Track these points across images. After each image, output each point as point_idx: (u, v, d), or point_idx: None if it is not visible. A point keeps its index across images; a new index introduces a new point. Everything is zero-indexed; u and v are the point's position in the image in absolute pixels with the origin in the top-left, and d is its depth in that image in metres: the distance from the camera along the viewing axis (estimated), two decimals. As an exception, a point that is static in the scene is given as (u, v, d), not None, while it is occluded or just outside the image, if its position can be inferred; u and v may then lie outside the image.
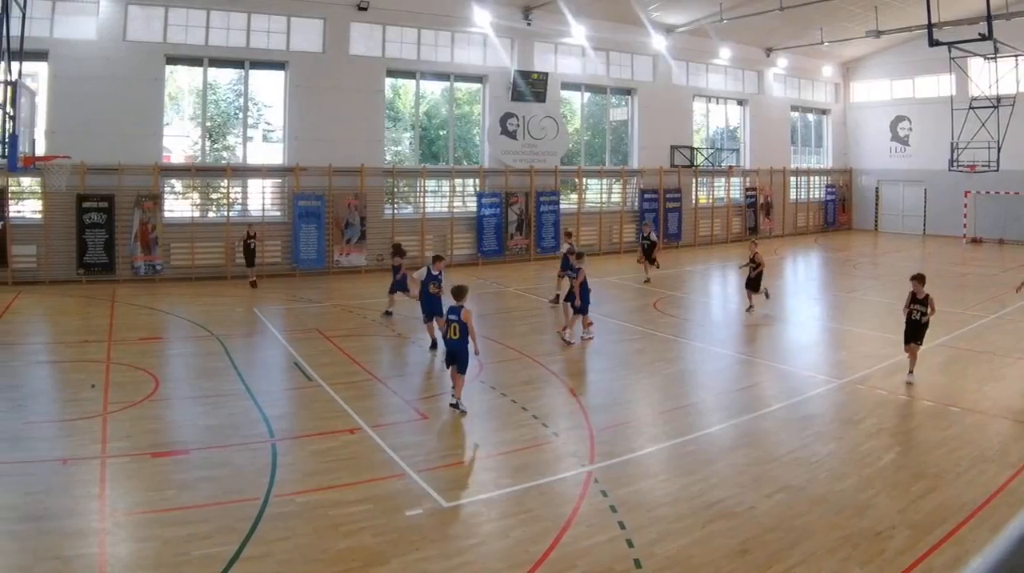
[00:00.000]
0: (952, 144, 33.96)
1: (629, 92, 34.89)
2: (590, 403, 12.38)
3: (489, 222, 29.60)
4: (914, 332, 13.39)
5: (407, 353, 15.29)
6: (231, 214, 25.46)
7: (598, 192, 34.13)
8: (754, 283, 19.85)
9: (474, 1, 28.67)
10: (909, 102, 41.20)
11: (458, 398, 11.70)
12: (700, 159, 36.68)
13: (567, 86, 33.14)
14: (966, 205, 38.31)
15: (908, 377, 13.33)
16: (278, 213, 26.23)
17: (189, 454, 9.87)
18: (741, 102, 39.66)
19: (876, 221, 43.38)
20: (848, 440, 10.75)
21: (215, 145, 27.56)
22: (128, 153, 23.17)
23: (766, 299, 20.28)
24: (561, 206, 31.62)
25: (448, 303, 12.57)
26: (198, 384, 13.31)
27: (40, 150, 20.49)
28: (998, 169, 33.15)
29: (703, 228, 37.15)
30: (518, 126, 30.75)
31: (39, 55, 21.96)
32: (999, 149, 32.75)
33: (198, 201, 25.85)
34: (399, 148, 30.89)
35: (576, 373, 14.59)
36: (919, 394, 12.76)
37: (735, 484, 9.16)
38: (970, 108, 33.25)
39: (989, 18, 23.29)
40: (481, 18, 28.95)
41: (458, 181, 30.19)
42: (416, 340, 16.04)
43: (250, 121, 27.42)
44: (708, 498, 8.74)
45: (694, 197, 36.99)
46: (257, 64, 26.25)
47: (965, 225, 38.44)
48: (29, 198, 23.64)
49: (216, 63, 25.88)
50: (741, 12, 30.63)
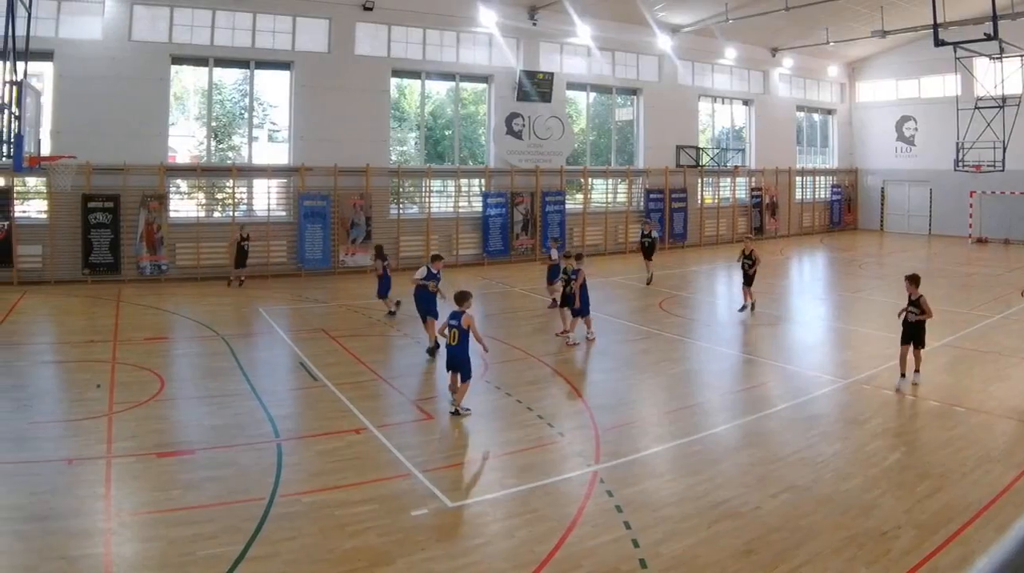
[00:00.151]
0: (958, 144, 33.90)
1: (634, 92, 34.88)
2: (595, 403, 12.36)
3: (494, 222, 29.60)
4: (909, 333, 12.99)
5: (412, 353, 15.27)
6: (236, 214, 25.51)
7: (603, 192, 34.12)
8: (751, 280, 19.64)
9: (479, 1, 28.67)
10: (915, 102, 41.13)
11: (458, 406, 11.51)
12: (706, 159, 36.66)
13: (572, 86, 33.14)
14: (971, 205, 38.25)
15: (899, 382, 12.93)
16: (283, 213, 26.26)
17: (194, 454, 9.88)
18: (747, 102, 39.63)
19: (882, 221, 43.34)
20: (853, 440, 10.73)
21: (220, 145, 27.63)
22: (133, 153, 23.22)
23: (739, 310, 19.86)
24: (567, 206, 31.62)
25: (446, 306, 12.49)
26: (203, 384, 13.32)
27: (45, 150, 20.57)
28: (1003, 169, 33.14)
29: (708, 228, 37.12)
30: (523, 126, 30.76)
31: (44, 55, 21.97)
32: (1004, 149, 32.71)
33: (203, 201, 25.88)
34: (404, 148, 30.94)
35: (581, 373, 14.58)
36: (924, 394, 12.73)
37: (740, 484, 9.15)
38: (976, 108, 33.20)
39: (995, 18, 23.23)
40: (487, 18, 28.96)
41: (463, 181, 30.22)
42: (421, 341, 16.02)
43: (255, 121, 27.45)
44: (713, 498, 8.72)
45: (699, 197, 36.98)
46: (262, 64, 26.28)
47: (970, 225, 38.39)
48: (35, 198, 23.68)
49: (221, 63, 25.91)
50: (746, 12, 30.60)
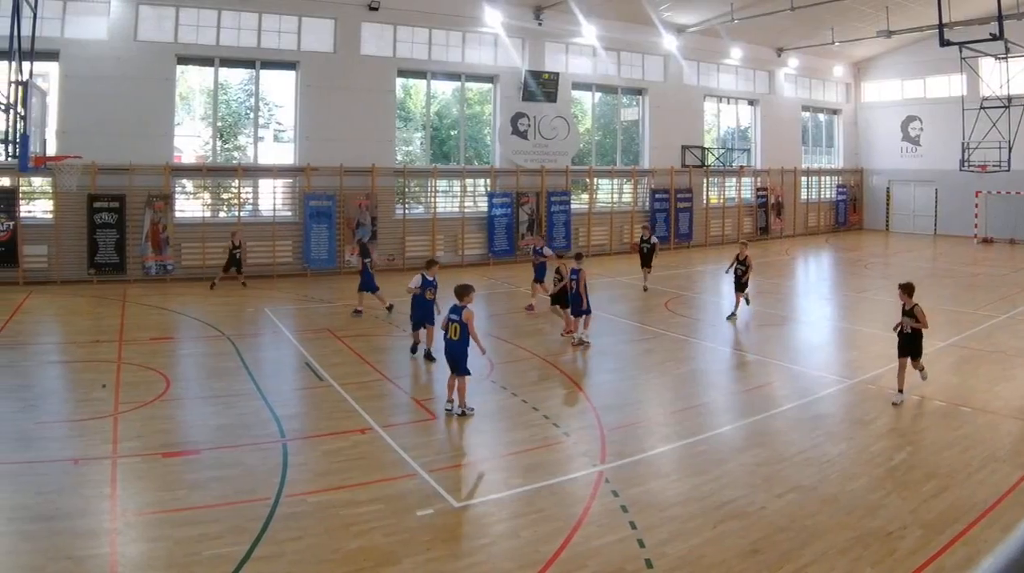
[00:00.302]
0: (963, 144, 33.83)
1: (640, 92, 34.86)
2: (601, 403, 12.35)
3: (500, 222, 29.60)
4: (906, 345, 12.39)
5: (418, 353, 15.26)
6: (242, 214, 25.55)
7: (609, 192, 34.09)
8: (743, 285, 19.06)
9: (485, 1, 28.68)
10: (920, 102, 41.06)
11: (462, 405, 11.40)
12: (711, 159, 36.64)
13: (578, 86, 33.12)
14: (977, 205, 38.18)
15: (896, 397, 12.30)
16: (289, 213, 26.30)
17: (200, 454, 9.89)
18: (752, 102, 39.60)
19: (887, 221, 43.27)
20: (859, 440, 10.72)
21: (226, 145, 27.64)
22: (139, 153, 23.26)
23: (746, 305, 19.38)
24: (572, 206, 31.62)
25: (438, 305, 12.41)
26: (209, 384, 13.34)
27: (51, 150, 20.58)
28: (1009, 169, 33.08)
29: (714, 228, 37.09)
30: (529, 126, 30.76)
31: (50, 55, 22.06)
32: (1010, 149, 32.67)
33: (209, 201, 25.95)
34: (410, 148, 30.93)
35: (587, 373, 14.56)
36: (930, 394, 12.68)
37: (746, 484, 9.14)
38: (981, 108, 33.13)
39: (1000, 18, 23.23)
40: (492, 18, 28.97)
41: (469, 181, 30.22)
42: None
43: (261, 121, 27.48)
44: (719, 498, 8.72)
45: (705, 197, 36.96)
46: (268, 64, 26.32)
47: (976, 225, 38.30)
48: (40, 198, 23.74)
49: (227, 63, 25.96)
50: (752, 12, 30.56)
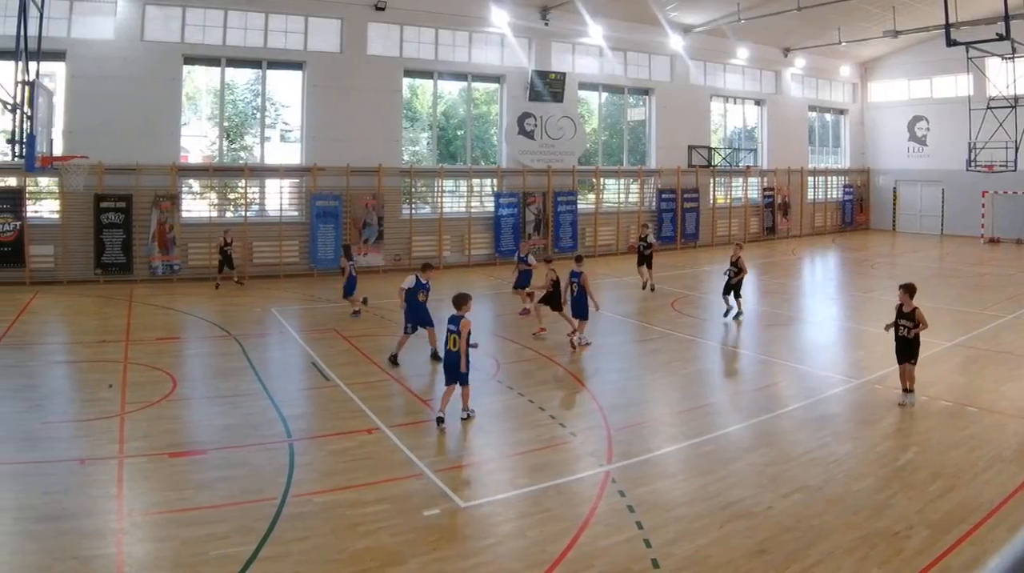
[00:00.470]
0: (970, 144, 33.77)
1: (647, 92, 34.84)
2: (607, 403, 12.33)
3: (507, 222, 29.59)
4: (903, 350, 12.06)
5: (424, 353, 15.25)
6: (249, 214, 25.58)
7: (616, 192, 34.08)
8: (734, 289, 18.74)
9: (491, 1, 28.68)
10: (927, 102, 40.96)
11: (466, 409, 11.33)
12: (718, 159, 36.59)
13: (584, 86, 33.12)
14: (984, 205, 38.09)
15: (902, 397, 12.00)
16: (296, 213, 26.32)
17: (207, 454, 9.91)
18: (759, 102, 39.56)
19: (894, 221, 43.19)
20: (865, 440, 10.70)
21: (233, 145, 27.69)
22: (146, 153, 23.31)
23: (729, 317, 18.86)
24: (579, 206, 31.62)
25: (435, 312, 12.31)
26: (215, 384, 13.36)
27: (58, 150, 20.66)
28: (1016, 169, 32.98)
29: (721, 228, 37.04)
30: (535, 126, 30.75)
31: (57, 55, 22.09)
32: (1017, 149, 32.59)
33: (216, 201, 25.97)
34: (417, 148, 30.96)
35: (594, 373, 14.52)
36: (937, 394, 12.66)
37: (753, 484, 9.13)
38: (988, 108, 33.05)
39: (1007, 18, 23.14)
40: (499, 18, 28.97)
41: (476, 181, 30.24)
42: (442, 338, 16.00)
43: (268, 121, 27.51)
44: (726, 498, 8.71)
45: (712, 197, 36.95)
46: (275, 64, 26.34)
47: (983, 225, 38.22)
48: (47, 198, 23.78)
49: (234, 63, 25.99)
50: (759, 12, 30.52)
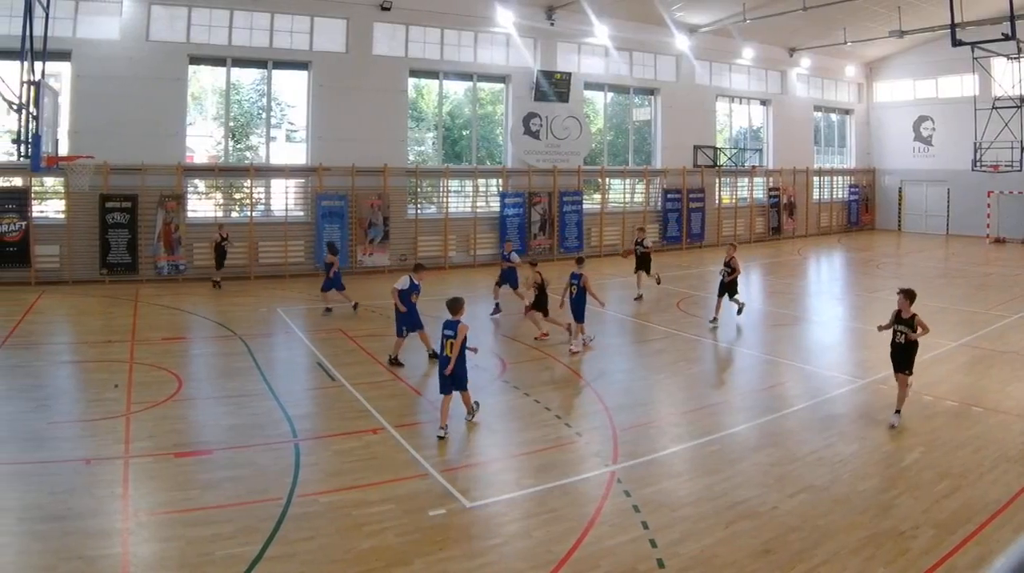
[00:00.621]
0: (975, 144, 33.78)
1: (652, 92, 34.82)
2: (613, 403, 12.33)
3: (512, 222, 29.57)
4: (900, 358, 11.43)
5: (423, 352, 15.23)
6: (254, 214, 25.60)
7: (621, 192, 34.05)
8: (728, 289, 18.14)
9: (497, 1, 28.67)
10: (932, 102, 40.89)
11: (470, 411, 11.21)
12: (723, 159, 36.57)
13: (590, 86, 33.09)
14: (989, 205, 37.99)
15: (893, 417, 11.23)
16: (301, 213, 26.35)
17: (212, 454, 9.92)
18: (764, 102, 39.51)
19: (899, 221, 43.11)
20: (871, 440, 10.70)
21: (238, 145, 27.70)
22: (151, 153, 23.33)
23: (738, 315, 18.46)
24: (584, 206, 31.61)
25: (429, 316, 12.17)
26: (221, 384, 13.39)
27: (63, 150, 20.63)
28: (1021, 169, 33.04)
29: (726, 228, 36.96)
30: (541, 126, 30.74)
31: (62, 55, 22.16)
32: (1022, 149, 32.55)
33: (221, 201, 26.02)
34: (422, 148, 30.97)
35: (599, 373, 14.48)
36: (942, 394, 12.66)
37: (758, 484, 9.12)
38: (993, 108, 33.05)
39: (1012, 18, 23.13)
40: (504, 18, 28.96)
41: (481, 181, 30.23)
42: (437, 342, 15.99)
43: (273, 121, 27.53)
44: (731, 498, 8.71)
45: (717, 197, 36.91)
46: (280, 64, 26.37)
47: (988, 225, 38.12)
48: (52, 198, 23.84)
49: (239, 63, 26.02)
50: (764, 12, 30.49)
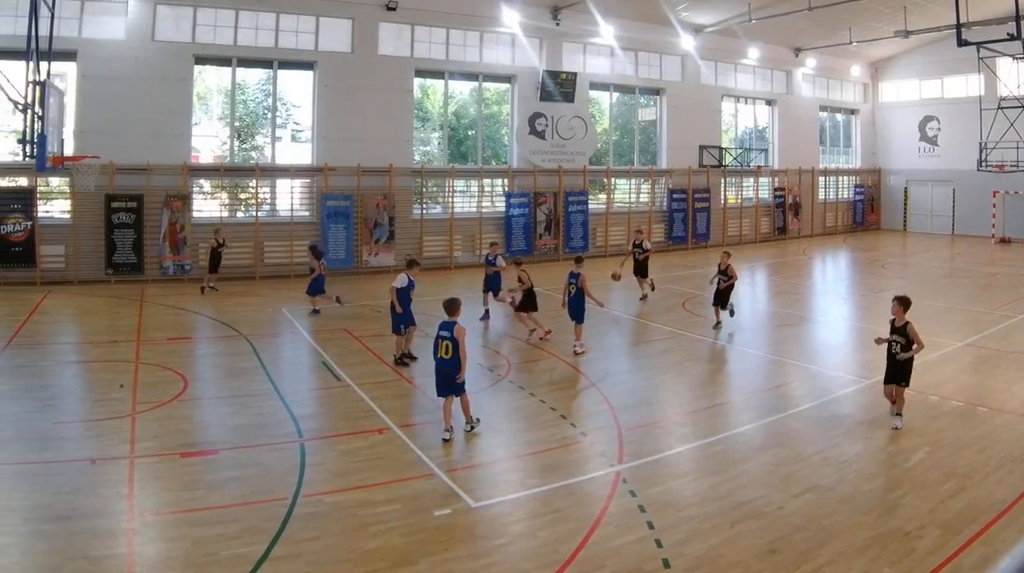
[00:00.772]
0: (981, 144, 33.71)
1: (658, 92, 34.79)
2: (618, 403, 12.32)
3: (517, 222, 29.59)
4: (892, 368, 11.10)
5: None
6: (260, 214, 25.63)
7: (627, 192, 34.06)
8: (722, 297, 17.79)
9: (503, 1, 28.67)
10: (938, 102, 40.80)
11: (469, 421, 11.01)
12: (729, 159, 36.54)
13: (595, 86, 33.09)
14: (995, 205, 37.90)
15: (895, 420, 11.09)
16: (307, 213, 26.35)
17: (218, 454, 9.93)
18: (770, 102, 39.46)
19: (905, 221, 43.03)
20: (876, 440, 10.68)
21: (243, 145, 27.72)
22: (157, 153, 23.37)
23: (730, 317, 18.11)
24: (590, 206, 31.62)
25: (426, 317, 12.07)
26: (226, 384, 13.41)
27: (69, 150, 20.72)
28: (1026, 169, 32.89)
29: (732, 228, 36.97)
30: (546, 126, 30.74)
31: (68, 55, 22.19)
32: (1028, 149, 32.49)
33: (227, 201, 26.04)
34: (428, 148, 30.97)
35: (604, 373, 14.46)
36: (948, 394, 12.63)
37: (764, 484, 9.12)
38: (999, 108, 32.98)
39: (1018, 18, 23.07)
40: (510, 18, 28.96)
41: (487, 181, 30.25)
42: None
43: (279, 121, 27.56)
44: (737, 498, 8.70)
45: (723, 197, 36.87)
46: (286, 64, 26.39)
47: (994, 225, 38.03)
48: (58, 198, 23.88)
49: (244, 63, 26.04)
50: (770, 12, 30.46)
